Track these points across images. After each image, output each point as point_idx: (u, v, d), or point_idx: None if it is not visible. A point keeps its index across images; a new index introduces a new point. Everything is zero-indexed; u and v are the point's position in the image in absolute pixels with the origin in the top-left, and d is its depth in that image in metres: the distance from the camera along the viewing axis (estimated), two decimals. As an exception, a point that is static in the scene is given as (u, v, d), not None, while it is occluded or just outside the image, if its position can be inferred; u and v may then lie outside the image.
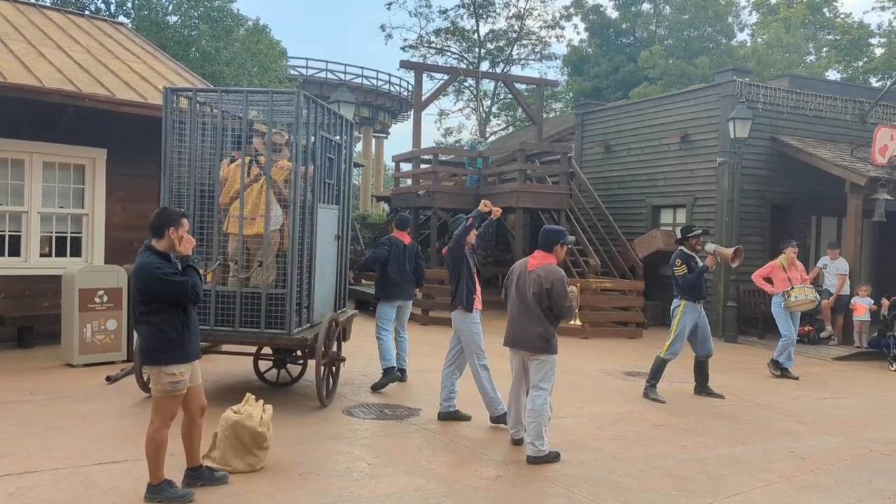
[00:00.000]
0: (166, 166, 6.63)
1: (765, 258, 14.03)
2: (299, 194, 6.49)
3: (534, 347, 5.49)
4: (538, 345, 5.47)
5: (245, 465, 4.94)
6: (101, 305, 8.30)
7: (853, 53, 31.66)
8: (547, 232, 5.67)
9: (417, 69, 19.56)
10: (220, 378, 7.78)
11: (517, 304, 5.61)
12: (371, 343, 10.75)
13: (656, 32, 30.00)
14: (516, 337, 5.60)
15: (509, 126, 36.39)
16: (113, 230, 9.81)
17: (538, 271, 5.49)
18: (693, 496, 4.96)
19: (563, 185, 14.95)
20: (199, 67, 18.79)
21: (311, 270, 6.75)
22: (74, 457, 5.09)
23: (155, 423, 4.38)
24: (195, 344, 4.54)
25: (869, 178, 11.78)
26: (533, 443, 5.41)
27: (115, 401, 6.71)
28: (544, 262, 5.54)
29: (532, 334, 5.47)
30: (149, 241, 4.44)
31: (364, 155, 39.19)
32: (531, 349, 5.51)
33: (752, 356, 11.43)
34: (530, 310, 5.48)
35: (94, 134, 9.53)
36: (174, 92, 6.82)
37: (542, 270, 5.47)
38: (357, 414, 6.64)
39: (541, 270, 5.48)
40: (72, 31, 11.65)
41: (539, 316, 5.46)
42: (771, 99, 13.80)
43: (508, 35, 35.25)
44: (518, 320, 5.57)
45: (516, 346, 5.62)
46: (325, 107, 7.15)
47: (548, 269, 5.48)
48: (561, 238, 5.64)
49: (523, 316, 5.53)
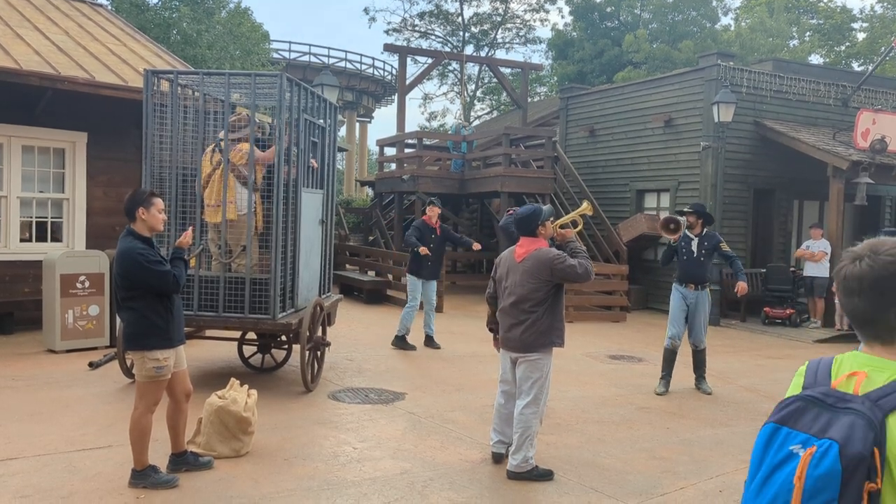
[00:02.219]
0: (147, 150, 6.55)
1: (747, 242, 14.19)
2: (282, 178, 6.44)
3: (525, 347, 4.95)
4: (530, 343, 4.93)
5: (230, 450, 4.93)
6: (83, 291, 8.22)
7: (836, 38, 31.83)
8: (521, 217, 5.08)
9: (401, 53, 19.41)
10: (204, 363, 7.75)
11: (507, 299, 5.04)
12: (356, 327, 10.77)
13: (641, 16, 29.98)
14: (506, 337, 5.05)
15: (494, 110, 36.31)
16: (94, 215, 9.70)
17: (528, 260, 4.95)
18: (677, 477, 5.01)
19: (548, 169, 14.95)
20: (180, 50, 18.55)
21: (295, 255, 6.71)
22: (57, 443, 5.06)
23: (139, 408, 4.35)
24: (179, 329, 4.51)
25: (851, 162, 11.88)
26: (514, 456, 4.89)
27: (98, 387, 6.67)
28: (532, 248, 4.99)
29: (524, 332, 4.93)
30: (129, 226, 4.39)
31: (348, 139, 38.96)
32: (522, 349, 4.97)
33: (735, 338, 11.55)
34: (523, 304, 4.93)
35: (73, 117, 9.39)
36: (155, 74, 6.73)
37: (533, 258, 4.93)
38: (342, 398, 6.64)
39: (531, 258, 4.94)
40: (50, 13, 11.44)
41: (528, 311, 4.92)
42: (755, 83, 13.85)
43: (493, 18, 35.10)
44: (509, 318, 5.01)
45: (507, 347, 5.07)
46: (309, 90, 7.09)
47: (538, 254, 4.93)
48: (538, 218, 5.03)
49: (515, 313, 4.97)
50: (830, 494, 1.34)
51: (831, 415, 1.41)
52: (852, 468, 1.33)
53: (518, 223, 5.09)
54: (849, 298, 1.52)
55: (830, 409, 1.42)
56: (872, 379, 1.46)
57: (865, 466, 1.33)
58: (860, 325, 1.53)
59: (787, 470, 1.41)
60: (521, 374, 4.97)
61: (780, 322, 12.77)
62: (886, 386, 1.42)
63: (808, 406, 1.45)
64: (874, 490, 1.33)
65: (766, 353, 10.14)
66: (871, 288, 1.48)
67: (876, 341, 1.52)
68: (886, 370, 1.46)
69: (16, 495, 4.17)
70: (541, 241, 5.03)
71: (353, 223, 21.49)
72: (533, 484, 4.76)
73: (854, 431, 1.35)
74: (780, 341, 11.36)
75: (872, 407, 1.38)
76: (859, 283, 1.50)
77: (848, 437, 1.35)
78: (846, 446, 1.35)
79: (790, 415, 1.46)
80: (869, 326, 1.51)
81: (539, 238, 5.04)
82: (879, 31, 29.22)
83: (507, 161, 14.57)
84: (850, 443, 1.35)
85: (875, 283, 1.48)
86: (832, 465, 1.34)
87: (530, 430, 4.87)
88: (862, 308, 1.51)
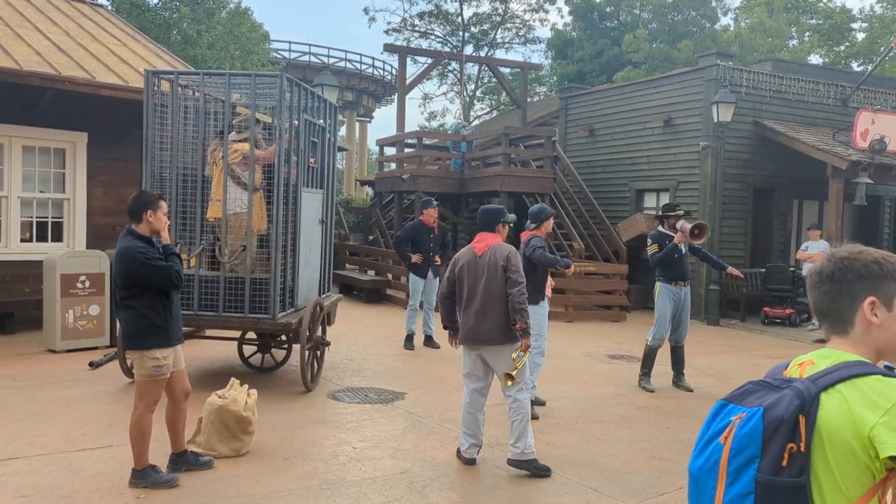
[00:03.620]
0: (148, 150, 6.56)
1: (747, 242, 14.20)
2: (282, 178, 6.45)
3: (495, 339, 4.94)
4: (499, 335, 4.92)
5: (230, 449, 4.94)
6: (84, 291, 8.23)
7: (835, 38, 31.84)
8: (486, 212, 5.22)
9: (401, 53, 19.42)
10: (204, 363, 7.76)
11: (469, 295, 5.03)
12: (355, 327, 10.78)
13: (640, 16, 29.98)
14: (472, 331, 5.00)
15: (493, 110, 36.31)
16: (94, 215, 9.71)
17: (489, 252, 5.00)
18: (677, 477, 5.02)
19: (548, 169, 14.96)
20: (180, 50, 18.55)
21: (295, 255, 6.72)
22: (58, 443, 5.07)
23: (139, 408, 4.37)
24: (178, 328, 4.53)
25: (850, 162, 11.89)
26: (515, 444, 4.92)
27: (99, 386, 6.68)
28: (492, 242, 5.07)
29: (492, 325, 4.92)
30: (130, 226, 4.40)
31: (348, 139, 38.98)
32: (492, 341, 4.95)
33: (735, 338, 11.56)
34: (487, 298, 4.94)
35: (74, 117, 9.40)
36: (155, 74, 6.74)
37: (492, 252, 4.99)
38: (342, 398, 6.65)
39: (490, 252, 5.00)
40: (50, 13, 11.45)
41: (497, 303, 4.91)
42: (754, 83, 13.86)
43: (492, 18, 35.09)
44: (474, 313, 4.98)
45: (474, 341, 5.02)
46: (309, 90, 7.10)
47: (497, 248, 5.01)
48: (502, 217, 5.20)
49: (480, 307, 4.95)
50: (753, 451, 1.47)
51: (774, 393, 1.53)
52: (773, 427, 1.46)
53: (483, 215, 5.24)
54: (811, 292, 1.68)
55: (775, 390, 1.54)
56: (817, 365, 1.58)
57: (787, 428, 1.45)
58: (820, 317, 1.67)
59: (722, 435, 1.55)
60: (498, 365, 5.00)
61: (780, 322, 12.78)
62: (825, 369, 1.54)
63: (756, 388, 1.59)
64: (795, 450, 1.44)
65: (766, 353, 10.15)
66: (827, 279, 1.63)
67: (832, 333, 1.65)
68: (831, 357, 1.58)
69: (16, 495, 4.19)
70: (497, 238, 5.14)
71: (352, 222, 21.50)
72: (532, 483, 4.77)
73: (781, 400, 1.48)
74: (779, 341, 11.37)
75: (808, 384, 1.50)
76: (819, 277, 1.65)
77: (774, 404, 1.49)
78: (770, 410, 1.48)
79: (739, 394, 1.60)
80: (825, 318, 1.65)
81: (497, 235, 5.17)
82: (879, 32, 29.23)
83: (507, 161, 14.58)
84: (774, 408, 1.48)
85: (830, 274, 1.63)
86: (755, 425, 1.48)
87: (527, 416, 4.95)
88: (818, 300, 1.65)
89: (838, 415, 1.45)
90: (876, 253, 1.64)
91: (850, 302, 1.61)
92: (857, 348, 1.60)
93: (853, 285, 1.60)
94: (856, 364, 1.52)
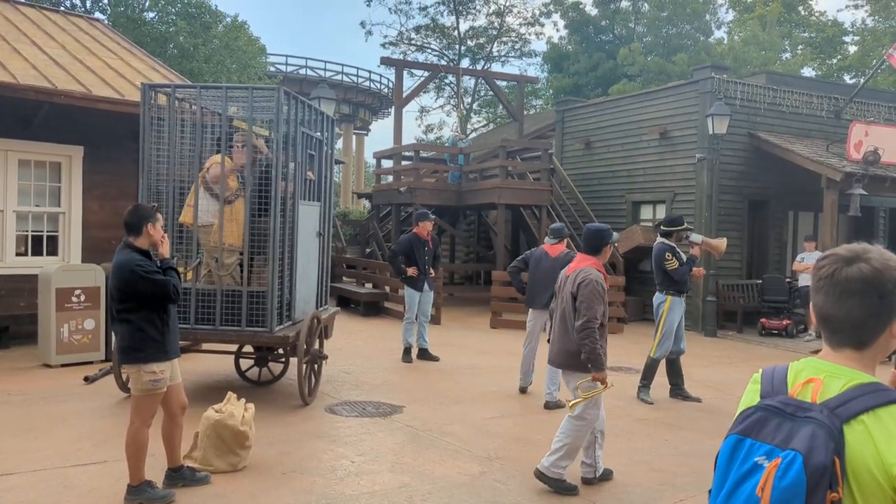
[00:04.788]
0: (144, 164, 6.55)
1: (743, 253, 14.22)
2: (279, 191, 6.45)
3: (565, 364, 4.95)
4: (567, 361, 4.92)
5: (227, 464, 4.90)
6: (79, 305, 8.19)
7: (827, 51, 32.09)
8: (591, 233, 5.06)
9: (398, 66, 19.50)
10: (201, 377, 7.71)
11: (555, 314, 5.07)
12: (353, 340, 10.75)
13: (635, 30, 30.19)
14: (551, 351, 5.09)
15: (490, 123, 36.44)
16: (90, 229, 9.68)
17: (570, 277, 4.98)
18: (677, 490, 5.00)
19: (544, 181, 14.99)
20: (177, 64, 18.60)
21: (292, 267, 6.70)
22: (53, 458, 5.02)
23: (135, 422, 4.33)
24: (175, 342, 4.50)
25: (844, 174, 11.94)
26: (549, 456, 4.80)
27: (94, 401, 6.63)
28: (582, 264, 4.99)
29: (561, 349, 4.94)
30: (127, 239, 4.38)
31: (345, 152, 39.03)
32: (562, 366, 4.99)
33: (732, 350, 11.55)
34: (563, 321, 4.94)
35: (70, 131, 9.39)
36: (152, 88, 6.74)
37: (573, 275, 4.95)
38: (340, 412, 6.61)
39: (572, 275, 4.97)
40: (47, 28, 11.47)
41: (567, 328, 4.87)
42: (748, 95, 13.93)
43: (489, 32, 35.32)
44: (554, 333, 5.03)
45: (551, 361, 5.10)
46: (306, 103, 7.11)
47: (578, 272, 4.93)
48: (609, 239, 5.06)
49: (555, 329, 5.00)
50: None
51: (792, 424, 1.42)
52: (817, 478, 1.34)
53: (587, 235, 5.09)
54: (845, 300, 1.47)
55: (791, 419, 1.43)
56: (828, 386, 1.47)
57: (829, 476, 1.34)
58: (845, 328, 1.50)
59: (752, 482, 1.41)
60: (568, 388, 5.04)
61: (777, 333, 12.78)
62: (843, 394, 1.44)
63: (769, 416, 1.46)
64: (836, 500, 1.34)
65: (764, 364, 10.03)
66: (875, 290, 1.45)
67: (851, 347, 1.50)
68: (842, 377, 1.47)
69: (11, 511, 4.14)
70: (591, 261, 4.98)
71: (350, 235, 21.50)
72: (531, 497, 4.74)
73: (816, 441, 1.36)
74: (776, 352, 11.36)
75: (831, 416, 1.39)
76: (863, 285, 1.46)
77: (811, 448, 1.36)
78: (810, 457, 1.35)
79: (752, 425, 1.47)
80: (855, 330, 1.49)
81: (594, 257, 5.01)
82: (871, 44, 29.47)
83: (504, 173, 14.61)
84: (813, 453, 1.36)
85: (882, 285, 1.45)
86: (797, 475, 1.35)
87: (570, 442, 4.75)
88: (857, 311, 1.47)
89: (864, 451, 1.37)
90: None
91: (888, 316, 1.47)
92: (866, 362, 1.50)
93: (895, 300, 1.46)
94: (874, 390, 1.43)
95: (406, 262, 9.27)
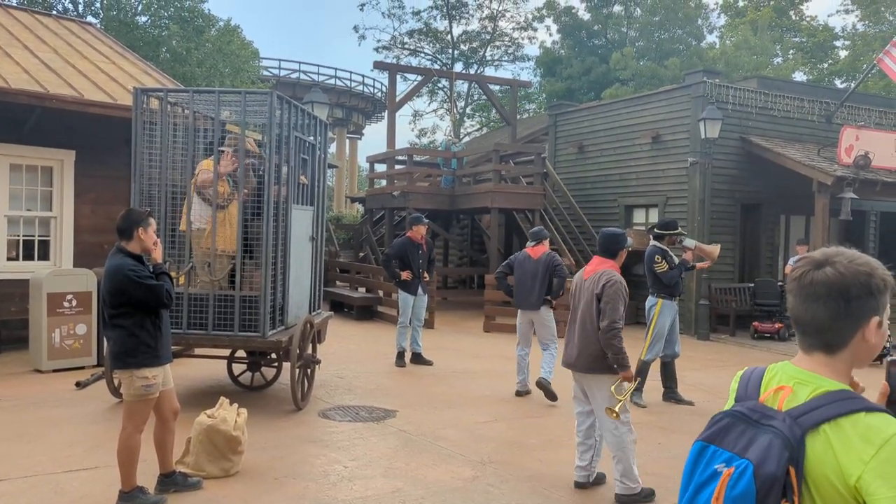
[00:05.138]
0: (136, 168, 6.53)
1: (736, 257, 14.27)
2: (272, 196, 6.44)
3: (589, 368, 4.92)
4: (592, 365, 4.90)
5: (219, 469, 4.88)
6: (71, 310, 8.15)
7: (818, 55, 32.30)
8: (607, 237, 5.11)
9: (391, 70, 19.52)
10: (193, 382, 7.69)
11: (572, 318, 5.08)
12: (346, 344, 10.74)
13: (627, 34, 30.31)
14: (568, 356, 5.07)
15: (483, 127, 36.49)
16: (82, 233, 9.64)
17: (592, 278, 4.99)
18: (669, 493, 5.00)
19: (538, 185, 15.02)
20: (169, 68, 18.56)
21: (285, 272, 6.69)
22: (44, 464, 5.00)
23: (127, 428, 4.31)
24: (167, 347, 4.48)
25: (835, 178, 12.01)
26: (621, 480, 4.80)
27: (86, 406, 6.60)
28: (600, 267, 5.01)
29: (583, 353, 4.92)
30: (120, 243, 4.37)
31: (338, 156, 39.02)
32: (586, 370, 4.94)
33: (725, 353, 11.59)
34: (583, 325, 4.94)
35: (62, 135, 9.36)
36: (144, 92, 6.73)
37: (595, 278, 4.96)
38: (333, 416, 6.60)
39: (593, 278, 4.98)
40: (39, 32, 11.43)
41: (591, 331, 4.88)
42: (740, 100, 14.00)
43: (482, 36, 35.39)
44: (572, 338, 5.05)
45: (570, 366, 5.07)
46: (299, 107, 7.11)
47: (600, 274, 4.95)
48: (624, 244, 5.11)
49: (576, 332, 5.00)
50: None
51: (755, 432, 1.43)
52: (766, 488, 1.36)
53: (603, 239, 5.12)
54: (810, 304, 1.48)
55: (755, 426, 1.44)
56: (796, 394, 1.48)
57: (780, 486, 1.35)
58: (812, 332, 1.50)
59: (710, 489, 1.44)
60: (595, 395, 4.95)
61: (769, 336, 12.82)
62: (807, 403, 1.44)
63: (735, 422, 1.48)
64: None
65: (756, 368, 10.16)
66: (840, 295, 1.45)
67: (821, 350, 1.51)
68: (810, 384, 1.48)
69: (1, 518, 4.12)
70: (609, 264, 5.02)
71: (343, 239, 21.48)
72: (524, 501, 4.74)
73: (771, 451, 1.38)
74: (768, 356, 11.40)
75: (792, 425, 1.40)
76: (827, 289, 1.46)
77: (764, 458, 1.38)
78: (761, 466, 1.37)
79: (718, 432, 1.49)
80: (822, 334, 1.49)
81: (612, 261, 5.04)
82: (861, 49, 29.67)
83: (497, 177, 14.63)
84: (764, 463, 1.37)
85: (846, 290, 1.45)
86: (747, 486, 1.37)
87: (622, 453, 4.79)
88: (823, 315, 1.47)
89: (825, 460, 1.38)
90: (877, 262, 1.50)
91: (855, 320, 1.47)
92: (838, 367, 1.50)
93: (865, 303, 1.46)
94: (839, 399, 1.43)
95: (400, 266, 9.27)
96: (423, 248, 9.40)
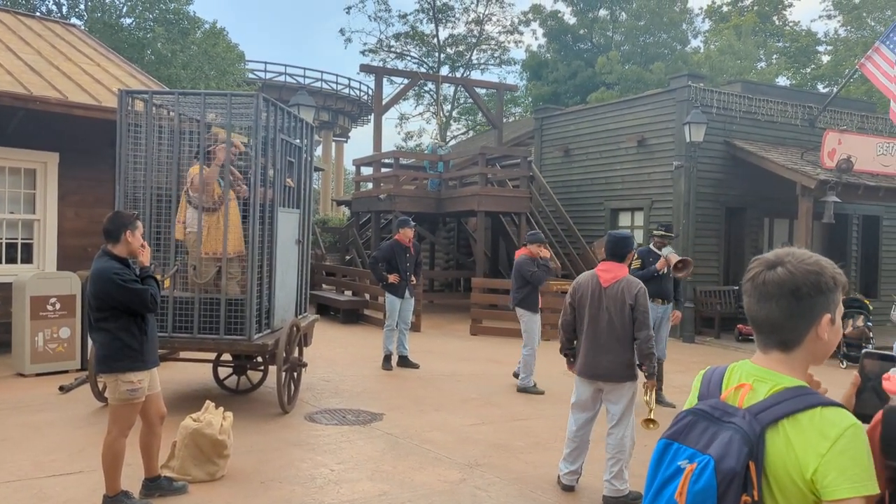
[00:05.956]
0: (121, 170, 6.49)
1: (720, 260, 14.39)
2: (258, 198, 6.42)
3: (616, 376, 4.87)
4: (621, 372, 4.87)
5: (205, 473, 4.85)
6: (54, 313, 8.08)
7: (801, 60, 32.64)
8: (615, 240, 5.04)
9: (377, 73, 19.51)
10: (178, 385, 7.64)
11: (590, 327, 4.93)
12: (332, 347, 10.71)
13: (613, 38, 30.49)
14: (592, 365, 4.92)
15: (469, 130, 36.56)
16: (65, 236, 9.56)
17: (617, 286, 4.88)
18: (654, 494, 5.02)
19: (524, 188, 15.06)
20: (154, 70, 18.46)
21: (271, 275, 6.67)
22: (27, 469, 4.95)
23: (112, 432, 4.28)
24: (153, 351, 4.46)
25: (819, 181, 12.14)
26: (611, 482, 4.85)
27: (69, 411, 6.54)
28: (620, 274, 4.93)
29: (614, 361, 4.85)
30: (106, 247, 4.34)
31: (324, 159, 38.92)
32: (613, 378, 4.89)
33: (710, 355, 11.66)
34: (611, 333, 4.86)
35: (45, 137, 9.28)
36: (129, 94, 6.69)
37: (619, 286, 4.87)
38: (319, 420, 6.58)
39: (618, 286, 4.87)
40: (22, 33, 11.33)
41: (622, 340, 4.85)
42: (724, 104, 14.12)
43: (468, 40, 35.45)
44: (595, 346, 4.90)
45: (593, 375, 4.94)
46: (285, 110, 7.09)
47: (625, 283, 4.88)
48: (632, 247, 5.11)
49: (603, 342, 4.87)
50: None
51: (716, 429, 1.47)
52: (727, 483, 1.40)
53: (613, 243, 5.05)
54: (764, 303, 1.53)
55: (716, 423, 1.48)
56: (756, 391, 1.52)
57: (740, 480, 1.39)
58: (768, 330, 1.56)
59: (674, 484, 1.48)
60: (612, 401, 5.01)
61: (753, 339, 12.91)
62: (767, 399, 1.48)
63: (697, 420, 1.52)
64: (749, 502, 1.39)
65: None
66: (791, 293, 1.50)
67: (777, 348, 1.56)
68: (768, 381, 1.52)
69: (-17, 523, 4.07)
70: (624, 269, 5.01)
71: (329, 242, 21.42)
72: (513, 502, 4.75)
73: (731, 447, 1.42)
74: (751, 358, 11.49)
75: (752, 421, 1.44)
76: (779, 289, 1.51)
77: (724, 454, 1.42)
78: (721, 462, 1.41)
79: (681, 430, 1.53)
80: (777, 332, 1.54)
81: (623, 265, 5.03)
82: (843, 54, 30.01)
83: (484, 180, 14.66)
84: (725, 458, 1.41)
85: (796, 289, 1.50)
86: (708, 480, 1.41)
87: (628, 457, 4.92)
88: (776, 313, 1.52)
89: (784, 455, 1.42)
90: (827, 262, 1.56)
91: (808, 319, 1.52)
92: (794, 364, 1.55)
93: (815, 301, 1.51)
94: (796, 395, 1.47)
95: (387, 269, 9.26)
96: (410, 251, 9.41)
